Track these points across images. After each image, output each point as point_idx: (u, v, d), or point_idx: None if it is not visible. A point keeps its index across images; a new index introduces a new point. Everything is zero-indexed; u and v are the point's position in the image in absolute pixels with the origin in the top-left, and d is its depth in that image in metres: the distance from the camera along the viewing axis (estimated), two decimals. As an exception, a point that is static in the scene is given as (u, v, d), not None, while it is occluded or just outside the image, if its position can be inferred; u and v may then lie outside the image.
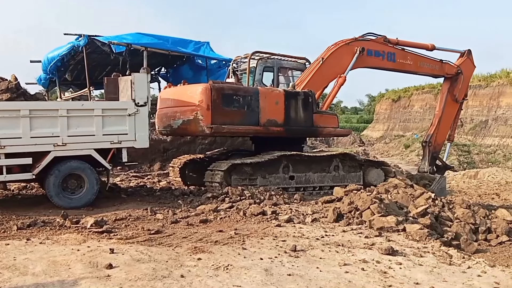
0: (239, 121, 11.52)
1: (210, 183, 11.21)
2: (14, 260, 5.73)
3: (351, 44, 13.59)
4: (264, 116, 11.80)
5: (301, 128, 12.40)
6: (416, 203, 9.31)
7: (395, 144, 42.10)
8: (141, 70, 10.46)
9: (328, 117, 12.97)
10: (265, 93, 11.98)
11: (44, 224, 7.70)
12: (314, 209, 9.31)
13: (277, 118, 11.99)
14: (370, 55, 13.80)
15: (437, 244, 7.12)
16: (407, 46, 14.63)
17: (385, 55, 14.09)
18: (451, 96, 15.62)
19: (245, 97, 11.58)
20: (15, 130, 8.85)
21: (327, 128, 12.84)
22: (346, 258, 6.18)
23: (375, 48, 13.92)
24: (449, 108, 15.73)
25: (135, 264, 5.60)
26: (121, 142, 9.71)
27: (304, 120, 12.30)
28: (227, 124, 11.32)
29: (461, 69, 15.50)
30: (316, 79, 13.20)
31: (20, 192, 11.38)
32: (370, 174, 12.88)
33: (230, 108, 11.37)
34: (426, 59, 14.93)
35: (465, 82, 15.83)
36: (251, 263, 5.78)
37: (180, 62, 22.05)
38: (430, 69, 15.16)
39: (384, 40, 14.07)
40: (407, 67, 14.61)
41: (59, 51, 18.66)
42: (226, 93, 11.38)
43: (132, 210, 8.91)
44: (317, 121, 12.54)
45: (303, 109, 12.28)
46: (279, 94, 12.12)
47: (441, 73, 15.46)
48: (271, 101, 11.93)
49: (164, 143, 17.19)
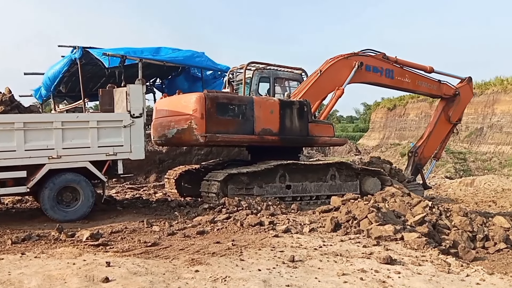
0: (234, 130, 11.50)
1: (207, 194, 11.16)
2: (9, 275, 5.66)
3: (349, 58, 13.71)
4: (259, 125, 11.79)
5: (296, 137, 12.37)
6: (414, 211, 9.28)
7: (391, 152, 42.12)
8: (136, 82, 10.46)
9: (324, 127, 12.91)
10: (260, 102, 11.99)
11: (39, 238, 7.64)
12: (312, 219, 9.27)
13: (272, 127, 11.97)
14: (369, 70, 13.94)
15: (435, 252, 7.09)
16: (405, 65, 14.73)
17: (383, 72, 14.20)
18: (445, 115, 15.71)
19: (240, 106, 11.59)
20: (9, 143, 8.81)
21: (323, 138, 12.79)
22: (344, 268, 6.13)
23: (374, 64, 14.03)
24: (441, 126, 15.83)
25: (132, 277, 5.53)
26: (116, 154, 9.67)
27: (299, 129, 12.30)
28: (221, 133, 11.30)
29: (459, 92, 15.57)
30: (313, 91, 13.30)
31: (14, 205, 11.30)
32: (367, 183, 12.85)
33: (225, 117, 11.35)
34: (424, 78, 15.04)
35: (462, 105, 15.94)
36: (249, 275, 5.73)
37: (175, 73, 22.08)
38: (428, 89, 15.30)
39: (383, 57, 14.19)
40: (405, 85, 14.75)
41: (59, 67, 18.62)
42: (221, 102, 11.39)
43: (128, 223, 8.85)
44: (312, 130, 12.52)
45: (298, 118, 12.28)
46: (274, 103, 12.13)
47: (438, 93, 15.56)
48: (266, 110, 11.94)
49: (159, 155, 17.15)
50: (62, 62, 18.50)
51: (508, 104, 37.95)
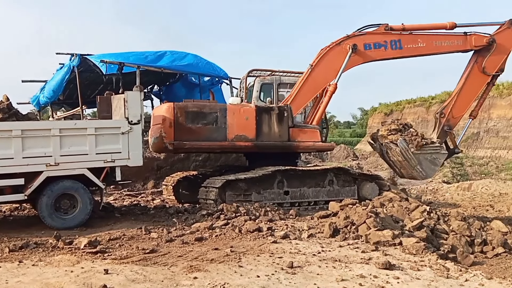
0: (205, 137, 11.79)
1: (205, 200, 11.18)
2: (6, 283, 5.64)
3: (342, 44, 12.82)
4: (231, 132, 11.98)
5: (275, 143, 12.33)
6: (412, 216, 9.29)
7: (388, 157, 42.23)
8: (134, 88, 10.46)
9: (308, 131, 12.64)
10: (234, 109, 12.17)
11: (37, 246, 7.63)
12: (310, 225, 9.27)
13: (247, 134, 12.09)
14: (369, 49, 12.98)
15: (433, 257, 7.09)
16: (417, 30, 13.33)
17: (387, 45, 13.04)
18: (478, 67, 13.58)
19: (211, 114, 11.88)
20: (6, 151, 8.79)
21: (305, 143, 12.52)
22: (343, 274, 6.13)
23: (374, 40, 12.99)
24: (474, 80, 13.66)
25: (130, 285, 5.53)
26: (114, 161, 9.66)
27: (279, 135, 12.29)
28: (190, 140, 11.66)
29: (495, 39, 13.45)
30: (306, 89, 12.91)
31: (12, 213, 11.26)
32: (365, 188, 12.85)
33: (195, 125, 11.69)
34: (443, 36, 13.44)
35: (500, 53, 13.59)
36: (248, 281, 5.73)
37: (173, 79, 22.08)
38: (451, 46, 13.54)
39: (385, 29, 13.01)
40: (420, 50, 13.34)
41: (60, 77, 18.59)
42: (190, 110, 11.76)
43: (126, 230, 8.84)
44: (294, 135, 12.42)
45: (278, 124, 12.27)
46: (249, 110, 12.24)
47: (466, 47, 13.60)
48: (241, 117, 12.08)
49: (157, 161, 17.12)
50: (63, 71, 18.47)
51: (504, 108, 38.09)
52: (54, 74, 19.28)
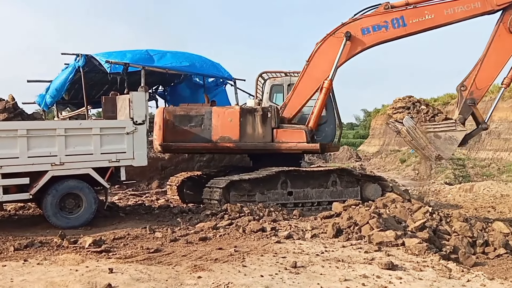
0: (191, 139, 12.41)
1: (209, 200, 11.25)
2: (12, 281, 5.70)
3: (337, 33, 12.18)
4: (216, 134, 12.36)
5: (258, 143, 12.40)
6: (414, 217, 9.31)
7: (391, 159, 42.13)
8: (139, 89, 10.53)
9: (294, 132, 12.41)
10: (218, 111, 12.55)
11: (42, 245, 7.68)
12: (313, 225, 9.30)
13: (231, 135, 12.34)
14: (367, 33, 12.11)
15: (436, 258, 7.12)
16: (424, 2, 12.00)
17: (389, 25, 11.98)
18: (504, 26, 11.69)
19: (197, 117, 12.47)
20: (12, 150, 8.86)
21: (288, 144, 12.35)
22: (346, 274, 6.17)
23: (373, 22, 12.07)
24: (500, 42, 11.79)
25: (134, 284, 5.57)
26: (119, 161, 9.73)
27: (262, 136, 12.35)
28: (178, 141, 12.42)
29: None
30: (303, 87, 12.67)
31: (17, 212, 11.31)
32: (368, 189, 12.88)
33: (182, 127, 12.41)
34: (456, 2, 11.85)
35: None
36: (252, 281, 5.77)
37: (178, 80, 22.14)
38: (467, 11, 11.88)
39: (385, 8, 12.00)
40: (427, 23, 11.98)
41: (64, 77, 18.68)
42: (178, 114, 12.54)
43: (130, 229, 8.88)
44: (279, 136, 12.35)
45: (261, 125, 12.34)
46: (233, 112, 12.52)
47: (487, 8, 11.79)
48: (224, 119, 12.38)
49: (162, 161, 17.19)
50: (67, 71, 18.55)
51: (505, 111, 37.99)
52: (59, 74, 19.37)
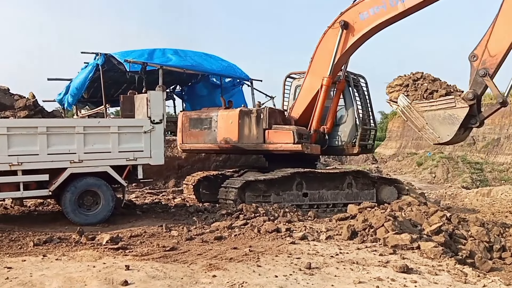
0: (202, 140, 13.43)
1: (224, 200, 11.32)
2: (31, 276, 5.80)
3: (335, 25, 11.89)
4: (220, 135, 13.03)
5: (252, 144, 12.66)
6: (430, 220, 9.26)
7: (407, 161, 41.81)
8: (156, 88, 10.62)
9: (283, 133, 12.41)
10: (223, 115, 13.14)
11: (60, 241, 7.80)
12: (328, 227, 9.30)
13: (231, 136, 12.84)
14: (365, 17, 11.54)
15: (451, 262, 7.06)
16: None
17: (386, 4, 11.24)
18: None
19: (207, 120, 13.36)
20: (32, 147, 8.99)
21: (274, 144, 12.46)
22: (361, 276, 6.16)
23: (370, 5, 11.48)
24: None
25: (150, 281, 5.63)
26: (136, 159, 9.82)
27: (256, 137, 12.60)
28: (192, 143, 13.63)
29: None
30: (308, 86, 12.62)
31: (37, 208, 11.49)
32: (383, 191, 12.83)
33: (196, 130, 13.52)
34: None
35: None
36: (266, 281, 5.79)
37: (195, 80, 22.26)
38: None
39: None
40: None
41: (84, 76, 18.92)
42: (193, 118, 13.65)
43: (147, 227, 8.96)
44: (270, 137, 12.48)
45: (256, 126, 12.59)
46: (234, 114, 12.94)
47: None
48: (227, 121, 12.95)
49: (178, 160, 17.29)
50: (87, 70, 18.79)
51: (525, 114, 37.50)
52: (79, 72, 19.63)
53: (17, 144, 8.87)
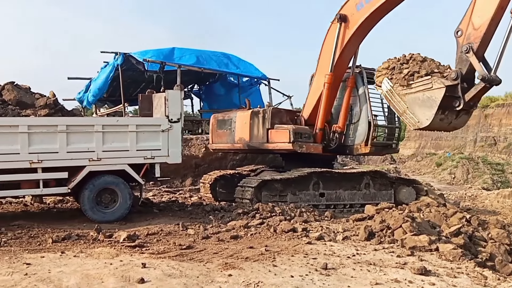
0: (225, 140, 13.96)
1: (241, 199, 11.32)
2: (49, 272, 5.87)
3: (335, 20, 11.79)
4: (237, 135, 13.52)
5: (258, 143, 12.94)
6: (449, 222, 9.12)
7: (426, 162, 41.37)
8: (174, 87, 10.67)
9: (281, 132, 12.50)
10: (239, 116, 13.60)
11: (78, 238, 7.88)
12: (345, 227, 9.23)
13: (244, 136, 13.28)
14: (361, 7, 11.29)
15: (471, 264, 6.95)
16: None
17: None
18: None
19: (228, 121, 13.90)
20: (52, 145, 9.12)
21: (273, 144, 12.66)
22: (378, 277, 6.09)
23: None
24: None
25: (166, 279, 5.66)
26: (154, 158, 9.88)
27: (262, 137, 12.85)
28: (218, 143, 14.27)
29: None
30: (315, 86, 12.56)
31: (56, 205, 11.66)
32: (402, 192, 12.68)
33: (221, 130, 14.14)
34: None
35: None
36: (282, 281, 5.77)
37: (213, 79, 22.38)
38: None
39: None
40: None
41: (105, 76, 19.14)
42: (219, 119, 14.34)
43: (164, 225, 9.02)
44: (272, 137, 12.68)
45: (262, 126, 12.86)
46: (246, 115, 13.36)
47: None
48: (241, 122, 13.38)
49: (195, 159, 17.37)
50: (107, 70, 19.02)
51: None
52: (99, 72, 19.87)
53: (38, 142, 9.01)
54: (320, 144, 12.54)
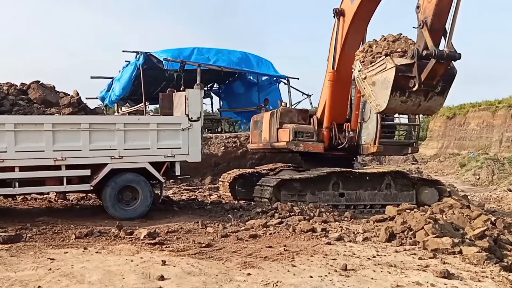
0: (258, 140, 14.34)
1: (260, 199, 11.32)
2: (72, 268, 5.97)
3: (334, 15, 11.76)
4: (263, 135, 13.83)
5: (272, 143, 13.21)
6: (473, 224, 8.96)
7: (450, 162, 40.64)
8: (194, 86, 10.74)
9: (284, 131, 12.72)
10: (265, 116, 13.91)
11: (100, 234, 8.00)
12: (365, 228, 9.15)
13: (266, 136, 13.59)
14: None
15: (496, 268, 6.79)
16: None
17: None
18: None
19: (260, 122, 14.24)
20: (75, 143, 9.28)
21: (277, 143, 12.98)
22: (398, 280, 6.01)
23: None
24: None
25: (186, 277, 5.69)
26: (174, 156, 9.96)
27: (274, 136, 13.09)
28: (254, 143, 14.75)
29: None
30: (325, 85, 12.43)
31: (79, 202, 11.84)
32: (424, 193, 12.49)
33: (255, 131, 14.56)
34: None
35: None
36: (301, 281, 5.74)
37: (232, 78, 22.44)
38: None
39: None
40: None
41: (128, 75, 19.37)
42: (255, 120, 14.80)
43: (183, 223, 9.08)
44: (279, 136, 12.89)
45: (274, 125, 13.16)
46: (267, 115, 13.80)
47: None
48: (266, 122, 13.63)
49: (215, 158, 17.45)
50: (130, 69, 19.25)
51: None
52: (121, 71, 20.10)
53: (62, 140, 9.19)
54: (321, 143, 12.48)
